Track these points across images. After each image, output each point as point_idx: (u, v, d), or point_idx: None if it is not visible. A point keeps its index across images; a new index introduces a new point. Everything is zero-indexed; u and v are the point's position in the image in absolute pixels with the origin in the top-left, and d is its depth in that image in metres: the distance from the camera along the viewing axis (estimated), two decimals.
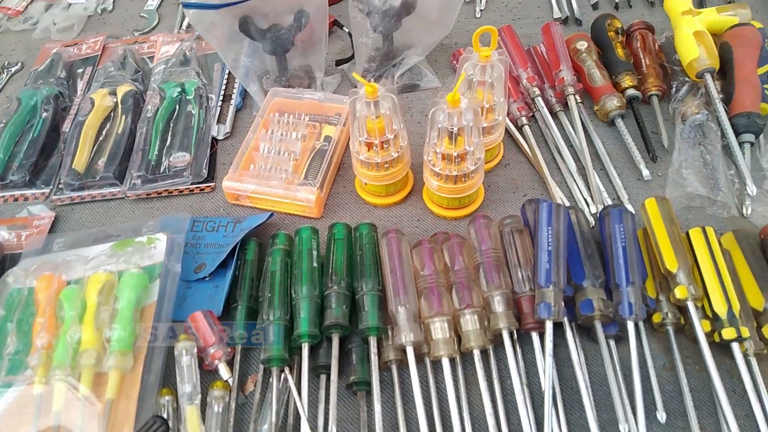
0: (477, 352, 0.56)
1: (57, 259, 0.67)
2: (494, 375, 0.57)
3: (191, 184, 0.78)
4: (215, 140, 0.84)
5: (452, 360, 0.57)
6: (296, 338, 0.58)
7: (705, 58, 0.75)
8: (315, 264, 0.63)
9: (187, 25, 1.04)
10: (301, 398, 0.56)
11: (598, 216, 0.66)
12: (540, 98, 0.80)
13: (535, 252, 0.59)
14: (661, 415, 0.54)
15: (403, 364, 0.58)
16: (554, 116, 0.80)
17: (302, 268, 0.62)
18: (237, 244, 0.67)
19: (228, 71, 0.93)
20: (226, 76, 0.92)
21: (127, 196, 0.78)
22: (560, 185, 0.74)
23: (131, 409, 0.55)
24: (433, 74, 0.89)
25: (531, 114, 0.80)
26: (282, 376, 0.58)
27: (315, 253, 0.64)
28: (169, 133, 0.83)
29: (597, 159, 0.75)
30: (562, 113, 0.80)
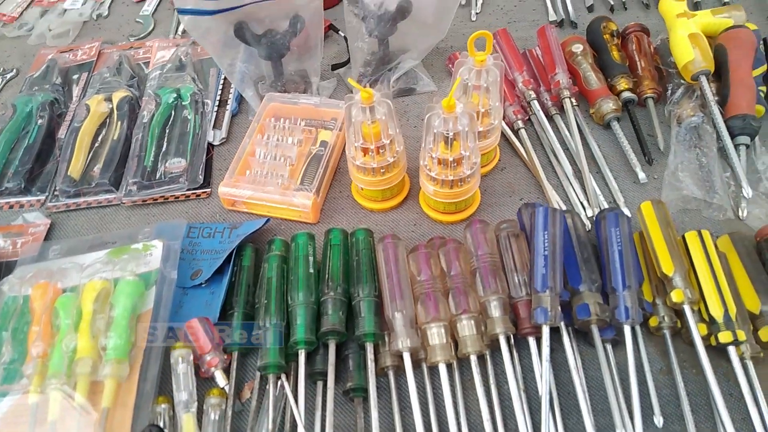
0: (474, 358, 0.56)
1: (52, 267, 0.66)
2: (491, 380, 0.57)
3: (187, 190, 0.78)
4: (211, 146, 0.84)
5: (449, 366, 0.57)
6: (293, 345, 0.58)
7: (700, 61, 0.75)
8: (311, 270, 0.63)
9: (183, 31, 1.04)
10: (298, 405, 0.56)
11: (595, 220, 0.66)
12: (536, 101, 0.80)
13: (532, 257, 0.59)
14: (658, 420, 0.54)
15: (400, 370, 0.58)
16: (550, 119, 0.80)
17: (298, 275, 0.62)
18: (233, 250, 0.67)
19: (224, 76, 0.92)
20: (222, 81, 0.92)
21: (123, 203, 0.78)
22: (556, 189, 0.73)
23: (127, 418, 0.55)
24: (429, 78, 0.89)
25: (527, 117, 0.80)
26: (279, 383, 0.58)
27: (311, 259, 0.64)
28: (165, 139, 0.83)
29: (593, 162, 0.75)
30: (558, 116, 0.80)
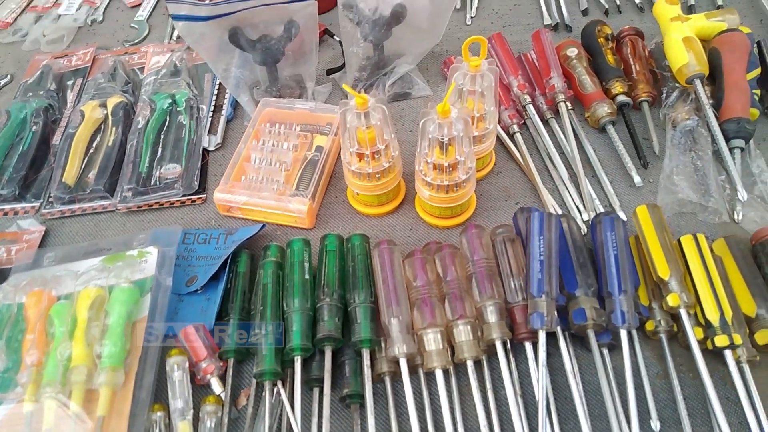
0: (470, 363, 0.56)
1: (47, 275, 0.66)
2: (488, 385, 0.57)
3: (182, 196, 0.78)
4: (206, 151, 0.84)
5: (446, 371, 0.57)
6: (288, 351, 0.58)
7: (694, 64, 0.75)
8: (307, 276, 0.63)
9: (178, 36, 1.04)
10: (294, 412, 0.55)
11: (590, 224, 0.66)
12: (531, 106, 0.80)
13: (527, 262, 0.59)
14: (655, 424, 0.54)
15: (397, 376, 0.58)
16: (545, 123, 0.80)
17: (294, 281, 0.61)
18: (229, 257, 0.67)
19: (219, 82, 0.92)
20: (217, 87, 0.92)
21: (118, 209, 0.78)
22: (552, 193, 0.74)
23: (123, 426, 0.55)
24: (425, 82, 0.89)
25: (522, 121, 0.80)
26: (275, 390, 0.58)
27: (307, 265, 0.64)
28: (160, 145, 0.83)
29: (588, 166, 0.75)
30: (554, 120, 0.80)
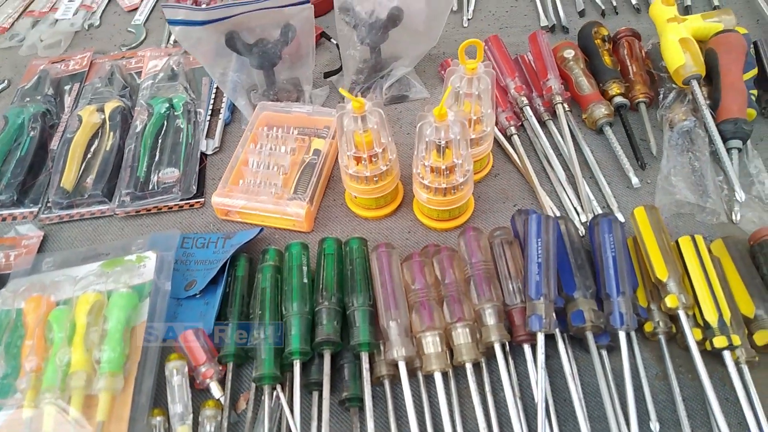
0: (469, 366, 0.56)
1: (46, 280, 0.66)
2: (487, 388, 0.57)
3: (180, 200, 0.78)
4: (204, 155, 0.84)
5: (445, 374, 0.57)
6: (287, 355, 0.58)
7: (691, 65, 0.75)
8: (305, 280, 0.63)
9: (175, 40, 1.04)
10: (294, 416, 0.55)
11: (588, 225, 0.66)
12: (528, 107, 0.80)
13: (525, 264, 0.59)
14: (655, 426, 0.54)
15: (396, 379, 0.58)
16: (543, 125, 0.80)
17: (292, 285, 0.61)
18: (227, 261, 0.67)
19: (216, 85, 0.92)
20: (215, 91, 0.92)
21: (116, 214, 0.78)
22: (550, 194, 0.74)
23: (122, 431, 0.54)
24: (422, 85, 0.89)
25: (519, 123, 0.81)
26: (274, 394, 0.58)
27: (305, 269, 0.64)
28: (158, 149, 0.83)
29: (586, 167, 0.75)
30: (551, 122, 0.80)
